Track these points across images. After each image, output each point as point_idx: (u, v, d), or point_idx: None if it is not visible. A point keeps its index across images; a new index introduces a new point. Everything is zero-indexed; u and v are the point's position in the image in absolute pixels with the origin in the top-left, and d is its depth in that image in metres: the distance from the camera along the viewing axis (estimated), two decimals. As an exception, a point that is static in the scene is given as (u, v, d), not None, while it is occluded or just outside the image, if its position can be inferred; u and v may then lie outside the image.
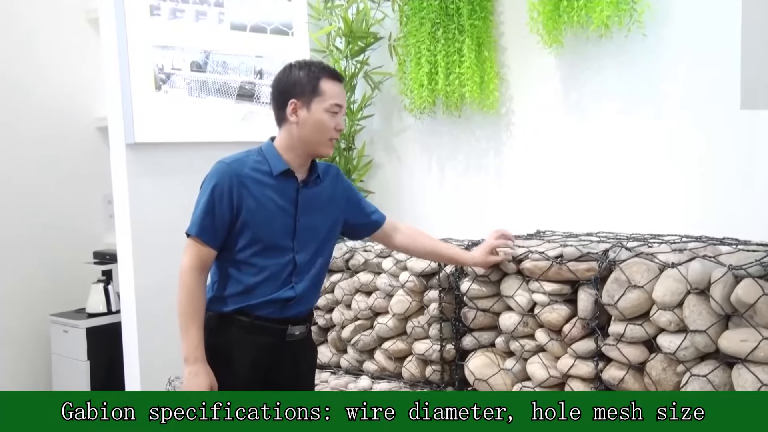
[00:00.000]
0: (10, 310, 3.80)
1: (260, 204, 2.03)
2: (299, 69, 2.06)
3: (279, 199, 2.06)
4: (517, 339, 2.35)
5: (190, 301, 1.99)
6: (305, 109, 2.03)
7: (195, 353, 1.97)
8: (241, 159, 2.05)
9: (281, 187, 2.06)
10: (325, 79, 2.05)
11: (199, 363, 1.97)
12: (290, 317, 2.09)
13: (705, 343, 1.89)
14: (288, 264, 2.07)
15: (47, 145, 3.96)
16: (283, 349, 2.10)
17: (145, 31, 2.87)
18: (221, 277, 2.08)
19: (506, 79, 3.04)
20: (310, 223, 2.11)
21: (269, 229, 2.04)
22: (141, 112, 2.86)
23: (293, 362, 2.14)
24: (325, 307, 2.90)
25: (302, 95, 2.03)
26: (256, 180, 2.03)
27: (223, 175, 2.00)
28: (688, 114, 2.55)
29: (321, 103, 2.04)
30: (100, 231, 4.12)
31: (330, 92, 2.05)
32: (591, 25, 2.58)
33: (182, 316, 1.99)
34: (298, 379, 2.18)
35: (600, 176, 2.78)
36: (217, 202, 1.99)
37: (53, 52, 4.00)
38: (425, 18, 3.00)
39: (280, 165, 2.06)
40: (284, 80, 2.07)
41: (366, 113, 3.44)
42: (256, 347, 2.06)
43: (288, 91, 2.05)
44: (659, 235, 2.46)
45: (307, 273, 2.11)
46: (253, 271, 2.04)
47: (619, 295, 2.06)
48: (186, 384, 1.98)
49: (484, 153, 3.13)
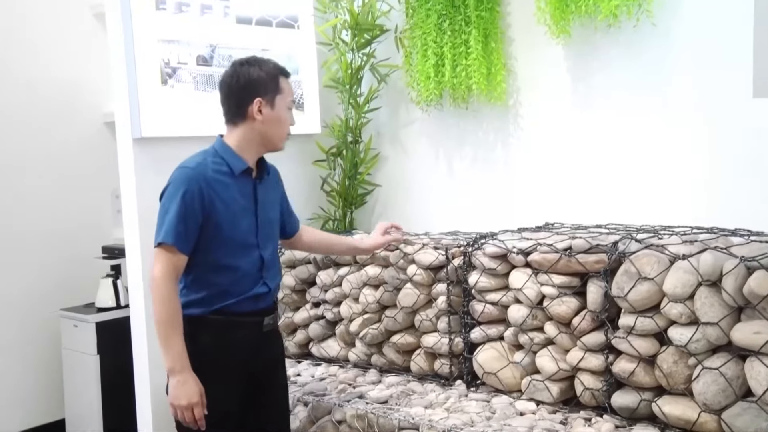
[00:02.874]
0: (21, 305, 3.82)
1: (227, 205, 2.07)
2: (258, 67, 2.11)
3: (241, 198, 2.11)
4: (526, 332, 2.33)
5: (168, 310, 1.99)
6: (269, 106, 2.10)
7: (180, 362, 1.98)
8: (202, 162, 2.07)
9: (241, 185, 2.12)
10: (282, 76, 2.15)
11: (186, 371, 1.99)
12: (263, 309, 2.16)
13: (717, 335, 1.88)
14: (256, 261, 2.14)
15: (55, 141, 3.97)
16: (260, 340, 2.17)
17: (150, 25, 2.86)
18: (193, 282, 2.09)
19: (513, 70, 3.02)
20: (268, 217, 2.20)
21: (237, 229, 2.09)
22: (147, 106, 2.85)
23: (268, 352, 2.22)
24: (332, 300, 2.90)
25: (266, 93, 2.09)
26: (219, 182, 2.07)
27: (191, 181, 2.02)
28: (699, 104, 2.53)
29: (282, 100, 2.12)
30: (108, 226, 4.13)
31: (287, 89, 2.16)
32: (599, 15, 2.55)
33: (162, 326, 1.99)
34: (275, 367, 2.26)
35: (609, 167, 2.76)
36: (189, 208, 2.00)
37: (60, 48, 4.00)
38: (431, 10, 2.97)
39: (240, 164, 2.10)
40: (244, 78, 2.09)
41: (372, 106, 3.43)
42: (235, 343, 2.11)
43: (251, 90, 2.09)
44: (669, 226, 2.44)
45: (272, 267, 2.20)
46: (228, 271, 2.09)
47: (629, 287, 2.04)
48: (175, 393, 1.99)
49: (491, 145, 3.11)
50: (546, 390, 2.28)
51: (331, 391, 2.57)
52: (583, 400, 2.21)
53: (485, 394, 2.44)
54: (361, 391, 2.53)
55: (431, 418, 2.22)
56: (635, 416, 2.09)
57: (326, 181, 3.48)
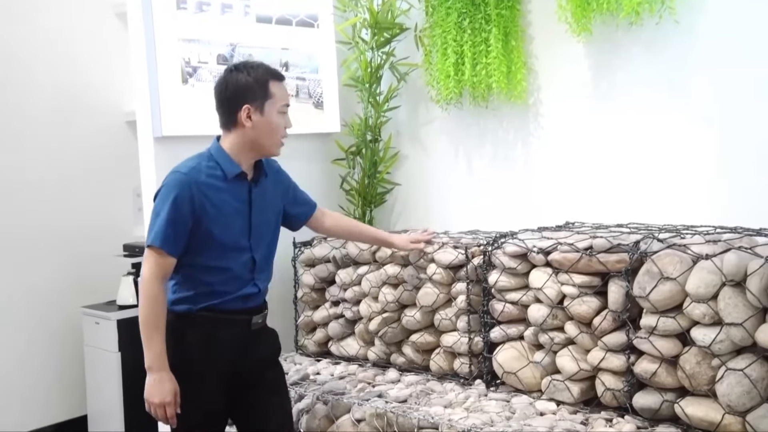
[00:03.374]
0: (43, 302, 3.86)
1: (218, 209, 2.09)
2: (246, 73, 2.10)
3: (234, 202, 2.12)
4: (546, 331, 2.32)
5: (153, 310, 2.04)
6: (259, 112, 2.10)
7: (159, 361, 2.03)
8: (195, 167, 2.10)
9: (235, 189, 2.13)
10: (273, 81, 2.12)
11: (163, 371, 2.03)
12: (251, 308, 2.18)
13: (741, 336, 1.85)
14: (247, 262, 2.16)
15: (77, 140, 4.00)
16: (248, 339, 2.18)
17: (171, 24, 2.88)
18: (185, 280, 2.13)
19: (534, 68, 3.00)
20: (262, 220, 2.20)
21: (229, 232, 2.11)
22: (168, 105, 2.87)
23: (259, 349, 2.22)
24: (352, 299, 2.90)
25: (254, 99, 2.09)
26: (212, 186, 2.08)
27: (183, 186, 2.04)
28: (722, 102, 2.50)
29: (273, 106, 2.11)
30: (129, 224, 4.16)
31: (278, 94, 2.13)
32: (621, 12, 2.53)
33: (145, 325, 2.04)
34: (265, 365, 2.26)
35: (630, 166, 2.73)
36: (179, 212, 2.03)
37: (82, 47, 4.03)
38: (451, 8, 2.96)
39: (234, 168, 2.11)
40: (233, 85, 2.10)
41: (392, 105, 3.42)
42: (222, 341, 2.13)
43: (240, 96, 2.09)
44: (692, 226, 2.42)
45: (265, 268, 2.23)
46: (218, 272, 2.11)
47: (651, 287, 2.02)
48: (151, 390, 2.04)
49: (511, 144, 3.10)
50: (566, 390, 2.26)
51: (350, 390, 2.57)
52: (604, 401, 2.19)
53: (505, 393, 2.43)
54: (381, 390, 2.53)
55: (451, 417, 2.21)
56: (657, 417, 2.07)
57: (345, 180, 3.48)
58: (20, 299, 3.77)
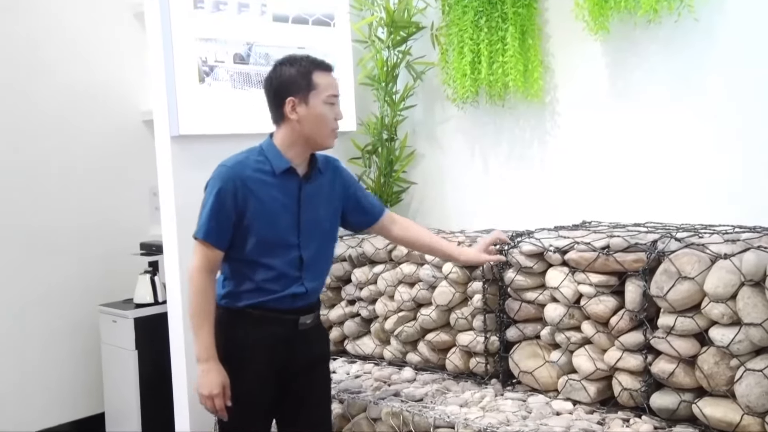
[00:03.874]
0: (61, 300, 3.89)
1: (264, 204, 2.07)
2: (289, 65, 2.09)
3: (282, 198, 2.10)
4: (562, 331, 2.31)
5: (201, 301, 2.06)
6: (304, 104, 2.07)
7: (207, 352, 2.04)
8: (243, 161, 2.09)
9: (284, 185, 2.10)
10: (317, 71, 2.09)
11: (211, 361, 2.04)
12: (301, 307, 2.15)
13: (760, 336, 1.84)
14: (295, 260, 2.13)
15: (95, 139, 4.03)
16: (295, 338, 2.16)
17: (188, 24, 2.90)
18: (233, 275, 2.13)
19: (551, 67, 2.98)
20: (313, 217, 2.15)
21: (274, 228, 2.09)
22: (185, 104, 2.89)
23: (307, 349, 2.20)
24: (368, 298, 2.90)
25: (298, 91, 2.06)
26: (258, 180, 2.07)
27: (226, 179, 2.05)
28: (741, 101, 2.47)
29: (318, 96, 2.07)
30: (146, 222, 4.19)
31: (324, 84, 2.09)
32: (639, 10, 2.52)
33: (194, 316, 2.06)
34: (313, 365, 2.24)
35: (648, 165, 2.71)
36: (222, 205, 2.04)
37: (100, 47, 4.07)
38: (468, 6, 2.96)
39: (282, 164, 2.10)
40: (277, 79, 2.10)
41: (408, 104, 3.42)
42: (268, 338, 2.13)
43: (283, 90, 2.08)
44: (710, 225, 2.40)
45: (314, 267, 2.18)
46: (264, 269, 2.10)
47: (669, 286, 2.01)
48: (200, 381, 2.05)
49: (528, 143, 3.09)
50: (583, 390, 2.25)
51: (366, 389, 2.57)
52: (621, 401, 2.18)
53: (521, 393, 2.42)
54: (397, 389, 2.53)
55: (467, 416, 2.21)
56: (675, 417, 2.06)
57: (362, 179, 3.48)
58: (38, 297, 3.81)
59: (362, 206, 2.33)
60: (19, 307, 3.75)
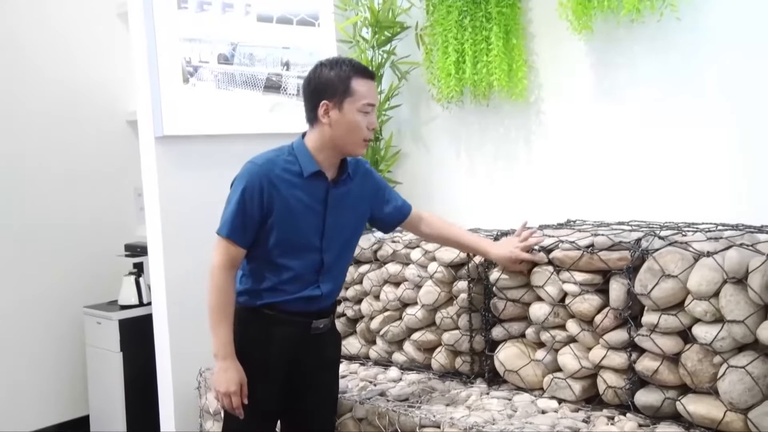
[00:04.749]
0: (45, 302, 3.87)
1: (289, 205, 2.04)
2: (330, 68, 2.03)
3: (308, 200, 2.07)
4: (547, 329, 2.32)
5: (220, 298, 2.03)
6: (337, 109, 2.02)
7: (225, 349, 2.01)
8: (272, 159, 2.05)
9: (311, 187, 2.07)
10: (357, 78, 2.02)
11: (229, 359, 2.02)
12: (315, 311, 2.13)
13: (743, 333, 1.85)
14: (315, 263, 2.10)
15: (79, 139, 4.01)
16: (308, 340, 2.14)
17: (172, 24, 2.88)
18: (251, 273, 2.11)
19: (535, 66, 3.00)
20: (338, 222, 2.12)
21: (298, 229, 2.07)
22: (169, 105, 2.87)
23: (318, 353, 2.19)
24: (353, 298, 2.90)
25: (334, 96, 2.01)
26: (286, 180, 2.04)
27: (253, 177, 2.01)
28: (724, 99, 2.49)
29: (353, 104, 2.01)
30: (131, 224, 4.17)
31: (362, 92, 2.02)
32: (622, 9, 2.53)
33: (213, 313, 2.03)
34: (323, 369, 2.23)
35: (631, 164, 2.73)
36: (248, 203, 2.00)
37: (84, 47, 4.05)
38: (452, 6, 2.97)
39: (311, 166, 2.06)
40: (315, 80, 2.05)
41: (393, 103, 3.42)
42: (282, 339, 2.11)
43: (319, 92, 2.03)
44: (693, 223, 2.41)
45: (333, 271, 2.16)
46: (282, 270, 2.08)
47: (653, 284, 2.02)
48: (216, 378, 2.03)
49: (513, 142, 3.10)
50: (568, 388, 2.26)
51: (351, 389, 2.57)
52: (606, 399, 2.19)
53: (507, 391, 2.42)
54: (382, 389, 2.53)
55: (452, 415, 2.21)
56: (659, 415, 2.07)
57: (347, 179, 3.48)
58: (21, 299, 3.78)
59: (392, 205, 2.32)
60: (2, 309, 3.72)
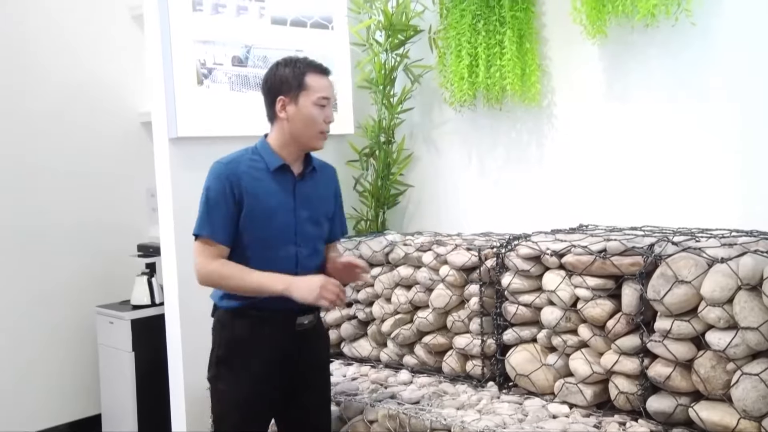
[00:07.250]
0: (58, 301, 3.89)
1: (259, 200, 2.09)
2: (285, 66, 2.13)
3: (277, 194, 2.11)
4: (559, 334, 2.31)
5: (232, 272, 2.04)
6: (293, 104, 2.10)
7: (281, 283, 2.02)
8: (237, 158, 2.12)
9: (278, 181, 2.12)
10: (311, 73, 2.11)
11: (289, 280, 2.03)
12: (297, 307, 2.12)
13: (757, 340, 1.84)
14: (291, 258, 2.13)
15: (93, 141, 4.04)
16: (294, 339, 2.16)
17: (187, 26, 2.90)
18: None
19: (548, 71, 2.99)
20: (309, 216, 2.17)
21: (270, 225, 2.10)
22: (183, 106, 2.89)
23: (305, 353, 2.20)
24: (365, 300, 2.90)
25: (289, 91, 2.10)
26: (252, 176, 2.09)
27: (219, 176, 2.07)
28: (738, 105, 2.48)
29: (308, 97, 2.10)
30: (144, 224, 4.19)
31: (315, 86, 2.11)
32: (636, 14, 2.52)
33: (243, 285, 2.04)
34: (316, 369, 2.26)
35: (645, 169, 2.72)
36: (214, 200, 2.06)
37: (99, 49, 4.07)
38: (466, 10, 2.97)
39: (275, 161, 2.12)
40: (271, 78, 2.13)
41: (406, 106, 3.43)
42: (268, 337, 2.13)
43: (275, 89, 2.11)
44: (707, 229, 2.40)
45: (309, 265, 2.18)
46: (257, 268, 2.08)
47: (666, 290, 2.01)
48: (302, 292, 2.02)
49: (525, 146, 3.09)
50: (579, 393, 2.26)
51: (362, 391, 2.57)
52: (618, 404, 2.18)
53: (518, 396, 2.42)
54: (393, 392, 2.53)
55: (463, 419, 2.21)
56: (671, 421, 2.06)
57: (359, 182, 3.49)
58: (34, 298, 3.81)
59: (334, 220, 2.31)
60: (16, 308, 3.75)
